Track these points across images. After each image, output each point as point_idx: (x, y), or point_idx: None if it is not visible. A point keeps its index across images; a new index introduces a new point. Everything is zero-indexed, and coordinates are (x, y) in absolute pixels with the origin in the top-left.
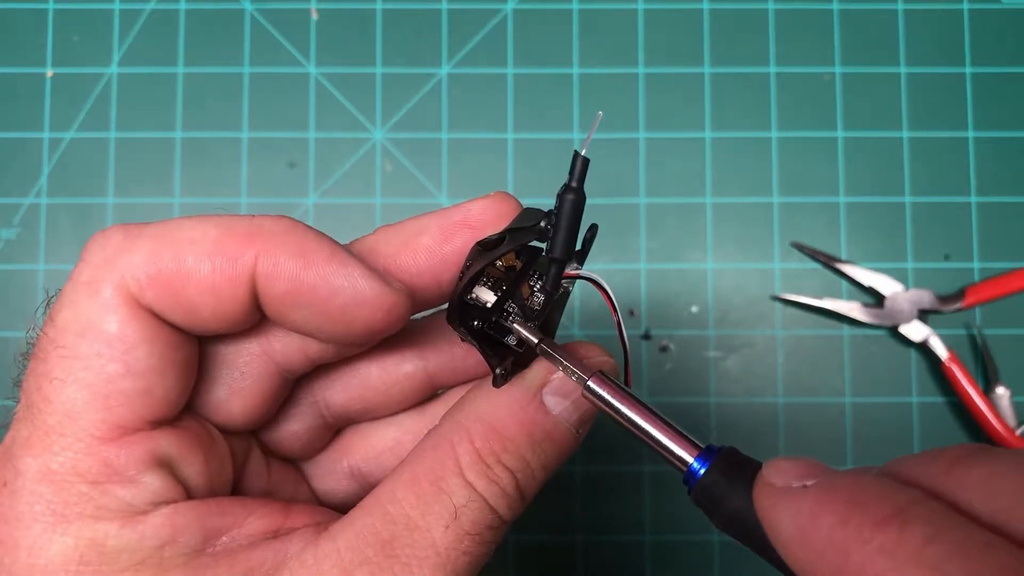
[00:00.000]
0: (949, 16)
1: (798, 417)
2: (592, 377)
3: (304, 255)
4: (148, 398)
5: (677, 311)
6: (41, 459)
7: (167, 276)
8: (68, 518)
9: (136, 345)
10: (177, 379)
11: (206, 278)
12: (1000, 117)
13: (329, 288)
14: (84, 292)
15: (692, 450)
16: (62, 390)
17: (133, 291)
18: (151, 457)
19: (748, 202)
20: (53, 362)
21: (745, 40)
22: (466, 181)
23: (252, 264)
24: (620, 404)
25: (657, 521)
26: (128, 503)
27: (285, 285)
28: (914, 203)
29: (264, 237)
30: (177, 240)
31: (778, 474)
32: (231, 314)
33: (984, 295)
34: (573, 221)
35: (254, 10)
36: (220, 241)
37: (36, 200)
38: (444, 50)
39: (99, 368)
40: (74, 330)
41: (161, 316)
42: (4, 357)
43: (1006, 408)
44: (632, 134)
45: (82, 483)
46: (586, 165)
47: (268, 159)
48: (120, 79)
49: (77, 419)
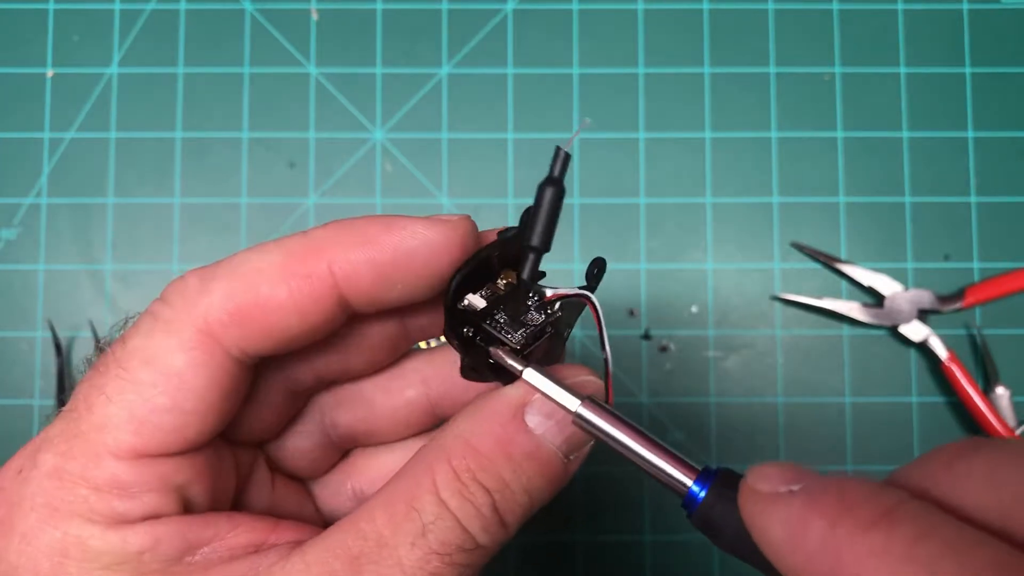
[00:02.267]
0: (949, 16)
1: (798, 417)
2: (582, 403)
3: (367, 241)
4: (180, 434)
5: (677, 311)
6: (59, 459)
7: (246, 310)
8: (62, 514)
9: (193, 387)
10: (217, 418)
11: (286, 301)
12: (1000, 117)
13: (407, 254)
14: (162, 328)
15: (690, 473)
16: (106, 406)
17: (216, 332)
18: (158, 482)
19: (748, 202)
20: (110, 379)
21: (745, 40)
22: (466, 181)
23: (327, 273)
24: (613, 430)
25: (657, 521)
26: (120, 513)
27: (369, 275)
28: (914, 203)
29: (325, 245)
30: (247, 274)
31: (763, 480)
32: (319, 325)
33: (984, 295)
34: (551, 212)
35: (254, 10)
36: (286, 264)
37: (36, 200)
38: (444, 50)
39: (148, 397)
40: (141, 357)
41: (247, 353)
42: (4, 358)
43: (1006, 408)
44: (632, 134)
45: (85, 488)
46: (567, 161)
47: (268, 159)
48: (120, 79)
49: (105, 434)
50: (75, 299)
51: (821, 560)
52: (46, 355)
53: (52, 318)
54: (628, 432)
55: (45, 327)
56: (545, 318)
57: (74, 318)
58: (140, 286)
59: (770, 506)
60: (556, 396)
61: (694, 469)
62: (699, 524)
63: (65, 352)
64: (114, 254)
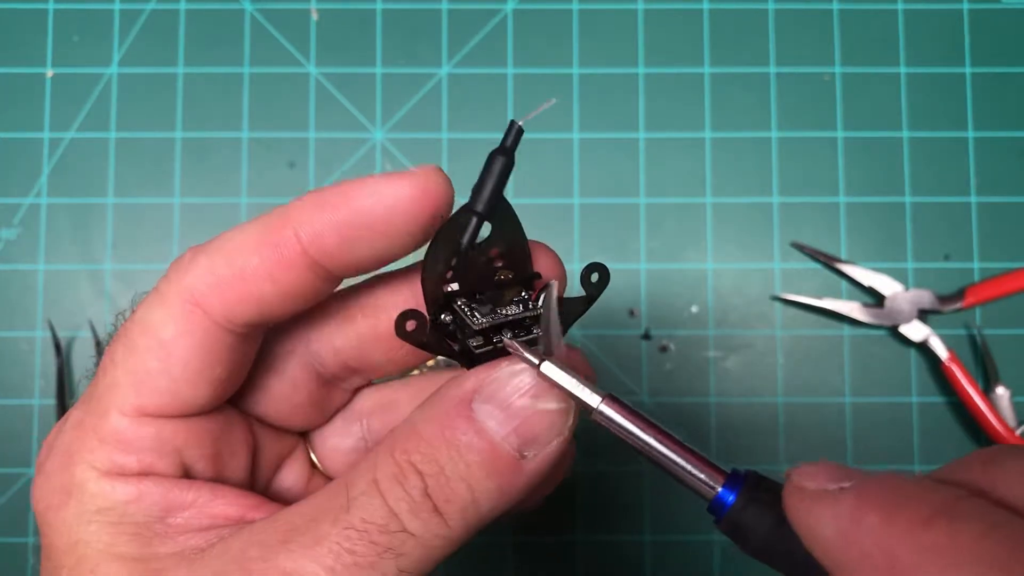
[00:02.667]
0: (949, 16)
1: (798, 417)
2: (603, 400)
3: (327, 203)
4: (174, 397)
5: (677, 311)
6: (80, 413)
7: (225, 280)
8: (73, 460)
9: (180, 353)
10: (210, 384)
11: (257, 269)
12: (1000, 117)
13: (365, 212)
14: (156, 299)
15: (718, 476)
16: (114, 369)
17: (200, 302)
18: (154, 440)
19: (748, 202)
20: (118, 346)
21: (745, 40)
22: (466, 181)
23: (294, 240)
24: (637, 429)
25: (657, 521)
26: (119, 464)
27: (332, 237)
28: (914, 203)
29: (293, 214)
30: (227, 248)
31: (810, 478)
32: (297, 290)
33: (984, 295)
34: (498, 180)
35: (254, 10)
36: (262, 235)
37: (36, 200)
38: (444, 50)
39: (143, 361)
40: (140, 326)
41: (233, 321)
42: (4, 358)
43: (1006, 408)
44: (632, 134)
45: (94, 439)
46: (520, 134)
47: (268, 159)
48: (120, 79)
49: (113, 392)
50: (75, 299)
51: (876, 557)
52: (46, 355)
53: (52, 318)
54: (653, 432)
55: (45, 327)
56: (522, 310)
57: (74, 318)
58: (140, 286)
59: (819, 504)
60: (576, 392)
61: (722, 472)
62: (728, 528)
63: (65, 352)
64: (114, 254)
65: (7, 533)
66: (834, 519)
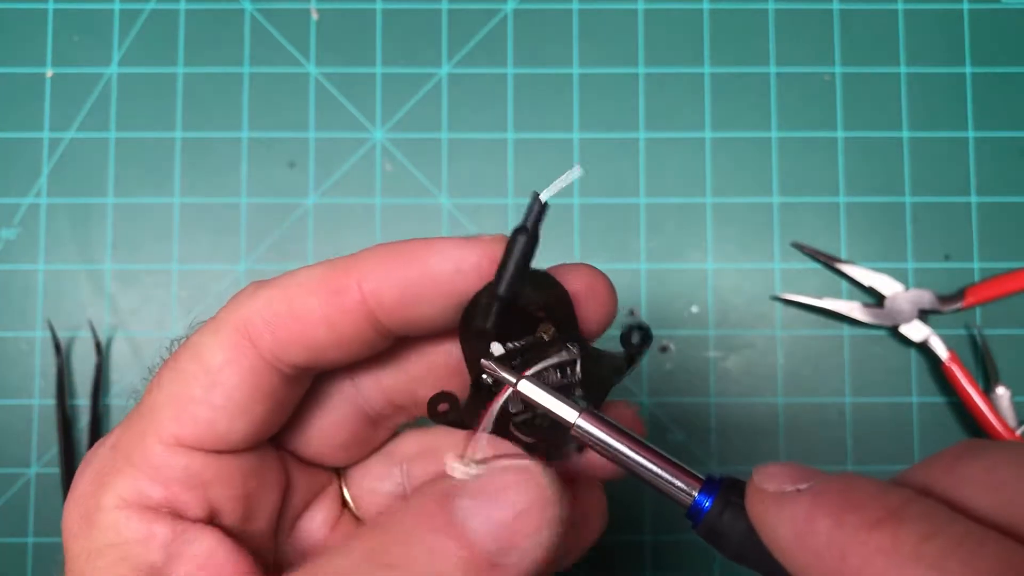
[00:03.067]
0: (949, 16)
1: (798, 417)
2: (580, 414)
3: (395, 258)
4: (211, 428)
5: (677, 311)
6: (119, 433)
7: (283, 319)
8: (100, 482)
9: (224, 384)
10: (249, 420)
11: (316, 312)
12: (1000, 117)
13: (430, 271)
14: (210, 327)
15: (694, 483)
16: (158, 392)
17: (253, 336)
18: (184, 472)
19: (748, 202)
20: (166, 369)
21: (745, 40)
22: (466, 181)
23: (357, 290)
24: (615, 442)
25: (657, 521)
26: (144, 493)
27: (394, 292)
28: (914, 203)
29: (359, 264)
30: (287, 286)
31: (770, 479)
32: (352, 340)
33: (984, 295)
34: (521, 260)
35: (254, 10)
36: (324, 279)
37: (36, 200)
38: (444, 50)
39: (187, 387)
40: (191, 352)
41: (282, 360)
42: (4, 358)
43: (1006, 408)
44: (632, 134)
45: (126, 462)
46: (543, 211)
47: (268, 159)
48: (120, 79)
49: (152, 416)
50: (75, 299)
51: (828, 558)
52: (46, 355)
53: (52, 318)
54: (630, 443)
55: (45, 327)
56: (561, 378)
57: (74, 318)
58: (140, 286)
59: (777, 505)
60: (552, 408)
61: (698, 478)
62: (705, 533)
63: (65, 352)
64: (114, 254)
65: (7, 533)
66: (790, 521)
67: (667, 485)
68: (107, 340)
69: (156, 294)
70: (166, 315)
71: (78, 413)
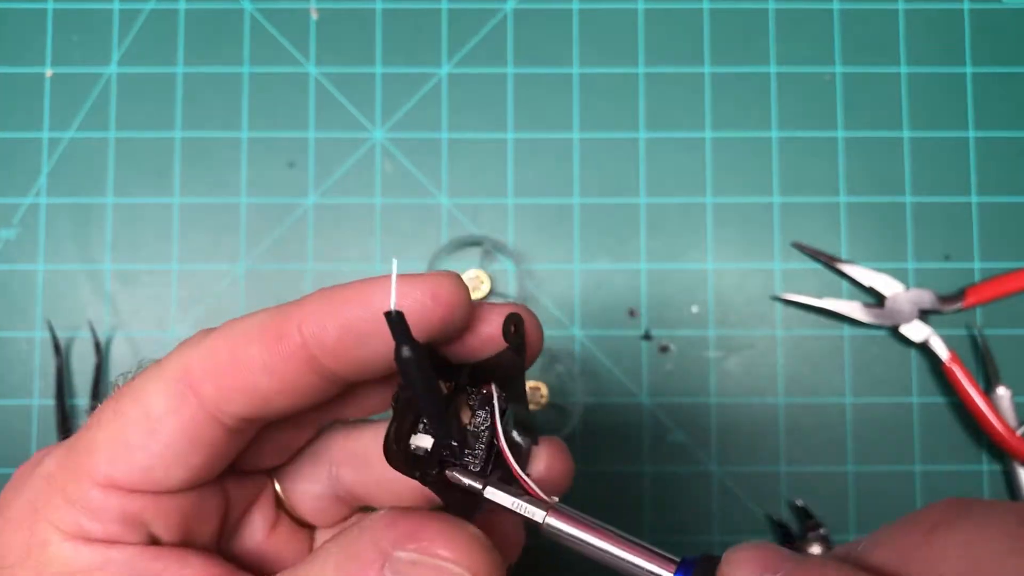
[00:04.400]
0: (949, 16)
1: (798, 417)
2: (548, 513)
3: (333, 298)
4: (147, 474)
5: (677, 311)
6: (55, 465)
7: (222, 367)
8: (37, 515)
9: (163, 432)
10: (187, 470)
11: (256, 360)
12: (1000, 117)
13: (370, 309)
14: (154, 372)
15: (668, 567)
16: (96, 430)
17: (194, 384)
18: (121, 514)
19: (748, 202)
20: (108, 408)
21: (745, 40)
22: (466, 181)
23: (297, 334)
24: (584, 535)
25: (657, 521)
26: (83, 529)
27: (333, 333)
28: (914, 203)
29: (301, 308)
30: (231, 335)
31: (740, 569)
32: (295, 387)
33: (985, 295)
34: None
35: (254, 10)
36: (265, 326)
37: (35, 200)
38: (444, 50)
39: (125, 431)
40: (133, 395)
41: (225, 412)
42: (3, 358)
43: (1007, 408)
44: (632, 134)
45: (62, 498)
46: (402, 321)
47: (268, 159)
48: (119, 79)
49: (89, 455)
50: (74, 299)
51: None
52: (45, 355)
53: (51, 318)
54: (598, 534)
55: (44, 327)
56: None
57: (73, 318)
58: (139, 286)
59: None
60: (520, 511)
61: (672, 561)
62: None
63: (64, 352)
64: (113, 254)
65: None
66: None
67: (641, 572)
68: (107, 340)
69: (156, 294)
70: (166, 315)
71: (78, 413)
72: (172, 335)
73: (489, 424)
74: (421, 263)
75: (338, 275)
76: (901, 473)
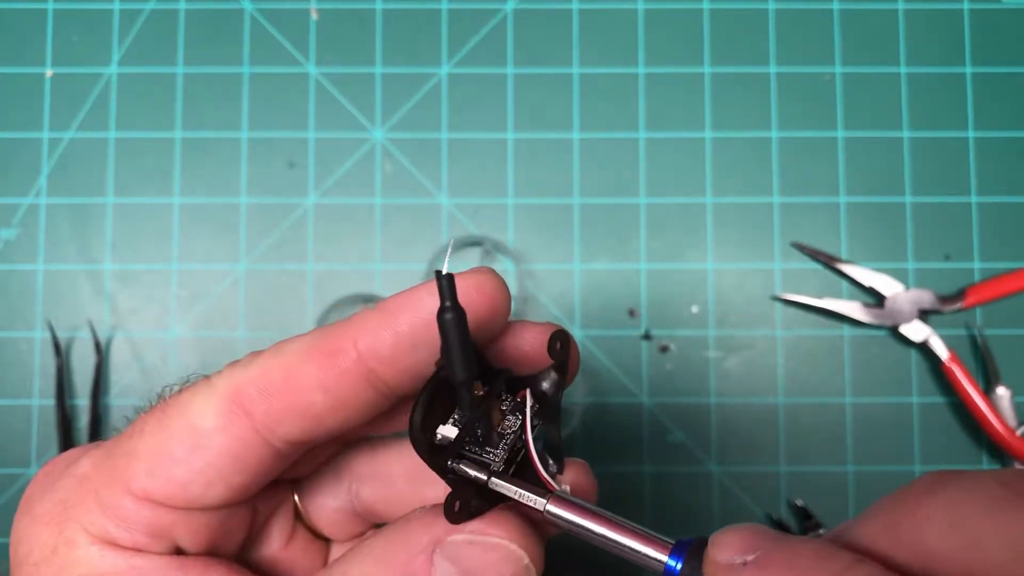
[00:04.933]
0: (949, 16)
1: (798, 417)
2: (548, 501)
3: (382, 312)
4: (184, 490)
5: (677, 311)
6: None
7: (276, 387)
8: (67, 515)
9: (208, 449)
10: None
11: (310, 378)
12: (1000, 117)
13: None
14: (204, 388)
15: (663, 549)
16: (139, 439)
17: (246, 404)
18: (151, 527)
19: (748, 202)
20: (153, 418)
21: (745, 40)
22: (466, 181)
23: (353, 349)
24: (584, 521)
25: (657, 520)
26: (111, 535)
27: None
28: (914, 203)
29: (352, 325)
30: (283, 354)
31: (723, 550)
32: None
33: (984, 295)
34: (460, 338)
35: (254, 10)
36: (318, 344)
37: (36, 200)
38: (444, 50)
39: (169, 444)
40: (180, 409)
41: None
42: (4, 358)
43: (1006, 408)
44: (632, 134)
45: (94, 502)
46: (452, 283)
47: (268, 159)
48: (120, 79)
49: (128, 464)
50: (74, 299)
51: None
52: (45, 355)
53: (51, 318)
54: (597, 520)
55: (44, 327)
56: (521, 418)
57: (73, 318)
58: (139, 286)
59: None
60: (522, 500)
61: (666, 544)
62: None
63: (64, 352)
64: (113, 254)
65: (7, 533)
66: None
67: (637, 555)
68: (107, 340)
69: (156, 294)
70: (166, 315)
71: (78, 413)
72: (172, 335)
73: (516, 429)
74: (421, 263)
75: (338, 275)
76: (901, 473)
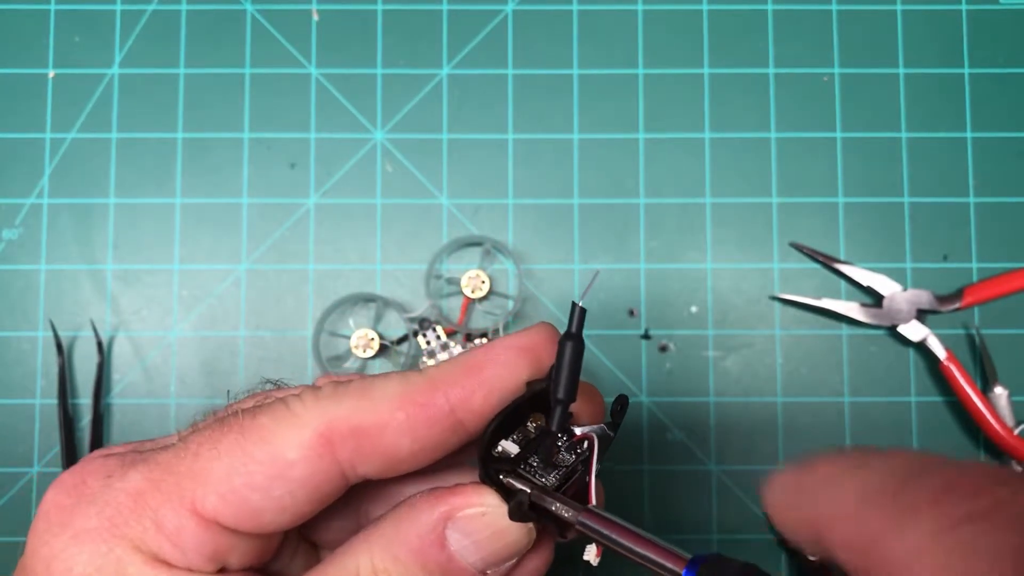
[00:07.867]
0: (948, 17)
1: (797, 417)
2: (582, 513)
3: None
4: (256, 517)
5: (677, 311)
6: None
7: (366, 429)
8: (117, 533)
9: (290, 481)
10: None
11: (401, 424)
12: (999, 117)
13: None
14: (288, 416)
15: (679, 563)
16: (213, 460)
17: (334, 441)
18: (210, 550)
19: (747, 202)
20: (228, 438)
21: (745, 40)
22: (466, 181)
23: (443, 401)
24: (613, 534)
25: (656, 519)
26: (164, 556)
27: (479, 394)
28: (913, 203)
29: (443, 377)
30: (372, 396)
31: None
32: (432, 449)
33: (982, 295)
34: (573, 364)
35: (255, 11)
36: (409, 393)
37: (38, 200)
38: (444, 51)
39: (249, 468)
40: (262, 435)
41: (356, 471)
42: (6, 358)
43: (1004, 408)
44: (632, 134)
45: (151, 521)
46: (583, 315)
47: (269, 160)
48: (121, 80)
49: (196, 484)
50: (76, 299)
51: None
52: (47, 355)
53: (53, 318)
54: (624, 534)
55: (46, 327)
56: (576, 457)
57: (75, 318)
58: (141, 286)
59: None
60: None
61: (683, 558)
62: None
63: (66, 352)
64: (115, 254)
65: (9, 532)
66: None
67: (656, 566)
68: (109, 340)
69: (157, 294)
70: (167, 315)
71: (80, 412)
72: (174, 334)
73: (570, 463)
74: (422, 263)
75: (339, 275)
76: None
